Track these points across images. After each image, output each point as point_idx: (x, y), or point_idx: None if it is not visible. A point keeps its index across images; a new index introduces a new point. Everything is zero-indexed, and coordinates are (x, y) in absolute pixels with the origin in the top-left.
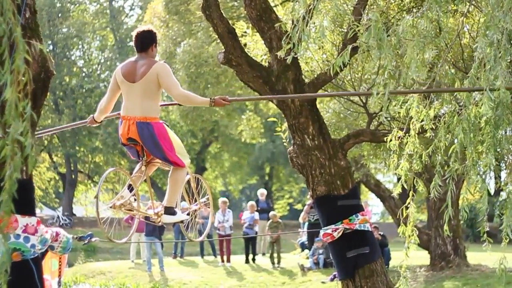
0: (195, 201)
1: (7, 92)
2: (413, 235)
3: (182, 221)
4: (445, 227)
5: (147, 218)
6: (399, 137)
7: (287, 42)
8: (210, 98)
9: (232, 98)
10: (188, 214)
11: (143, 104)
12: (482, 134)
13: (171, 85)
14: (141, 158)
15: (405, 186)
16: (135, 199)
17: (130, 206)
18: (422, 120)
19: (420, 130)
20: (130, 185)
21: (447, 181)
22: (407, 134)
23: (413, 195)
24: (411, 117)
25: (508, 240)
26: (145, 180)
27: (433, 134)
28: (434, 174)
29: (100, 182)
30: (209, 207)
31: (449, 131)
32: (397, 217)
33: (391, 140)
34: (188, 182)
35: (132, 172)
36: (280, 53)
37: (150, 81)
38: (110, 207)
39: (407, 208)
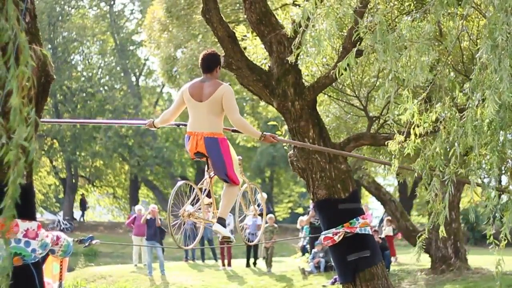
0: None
1: (13, 98)
2: (419, 251)
3: (229, 238)
4: (441, 228)
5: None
6: (399, 142)
7: (297, 47)
8: (262, 133)
9: (280, 139)
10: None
11: (210, 121)
12: (486, 137)
13: (232, 109)
14: (207, 170)
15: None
16: (199, 208)
17: (197, 215)
18: (424, 123)
19: (420, 134)
20: (207, 191)
21: (446, 183)
22: (407, 139)
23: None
24: (412, 122)
25: (506, 242)
26: (209, 191)
27: (431, 138)
28: (433, 177)
29: (172, 194)
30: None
31: (449, 133)
32: (397, 221)
33: (392, 140)
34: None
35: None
36: (291, 59)
37: (216, 101)
38: (181, 215)
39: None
